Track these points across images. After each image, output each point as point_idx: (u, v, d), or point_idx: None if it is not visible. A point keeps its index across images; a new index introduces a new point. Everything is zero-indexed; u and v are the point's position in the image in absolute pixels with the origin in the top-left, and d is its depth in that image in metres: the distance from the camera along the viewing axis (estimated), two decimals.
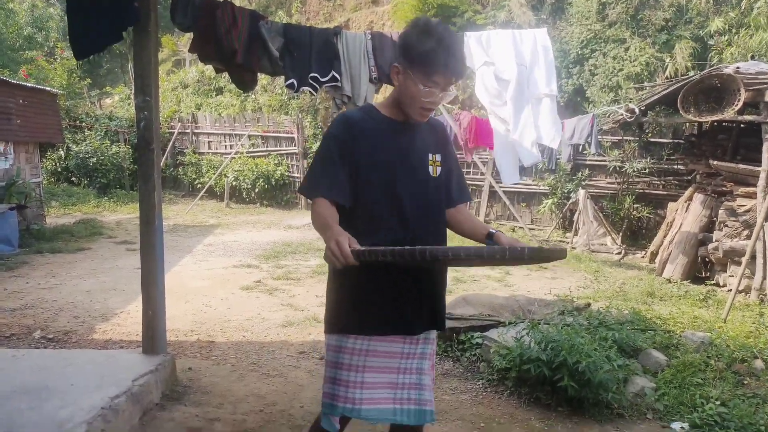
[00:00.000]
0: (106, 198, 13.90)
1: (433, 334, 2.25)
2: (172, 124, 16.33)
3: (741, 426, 3.49)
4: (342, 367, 2.07)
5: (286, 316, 5.57)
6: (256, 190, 14.43)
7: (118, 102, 21.29)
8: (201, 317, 5.48)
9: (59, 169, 14.71)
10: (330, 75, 4.41)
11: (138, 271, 3.72)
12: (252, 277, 7.17)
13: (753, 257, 6.65)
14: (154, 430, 3.16)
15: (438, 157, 2.21)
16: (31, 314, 5.32)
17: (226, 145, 15.70)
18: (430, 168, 2.18)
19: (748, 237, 6.91)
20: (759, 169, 7.09)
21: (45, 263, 7.46)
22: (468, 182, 11.18)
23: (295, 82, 4.28)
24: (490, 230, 2.19)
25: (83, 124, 15.69)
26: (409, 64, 1.99)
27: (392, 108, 2.14)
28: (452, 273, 7.84)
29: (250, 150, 15.16)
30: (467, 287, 7.02)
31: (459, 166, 2.37)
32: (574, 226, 10.87)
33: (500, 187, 11.60)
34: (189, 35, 4.81)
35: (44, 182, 11.62)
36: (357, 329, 2.07)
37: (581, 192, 10.59)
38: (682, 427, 3.51)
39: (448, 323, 4.81)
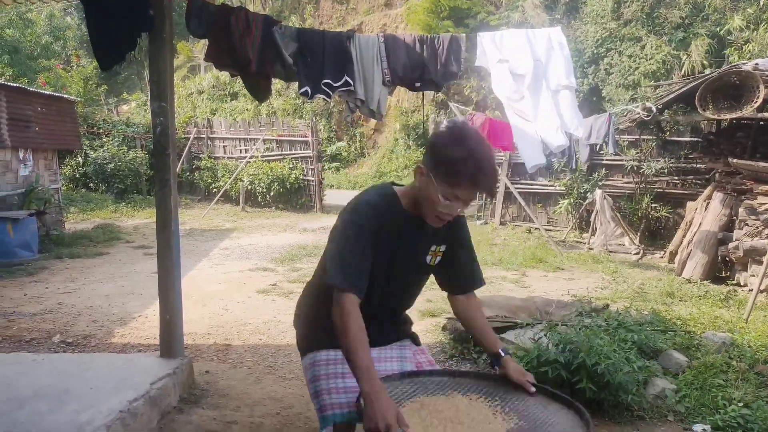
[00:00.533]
0: (123, 203, 14.06)
1: (408, 341, 2.28)
2: (187, 129, 16.48)
3: (765, 428, 3.43)
4: (320, 379, 2.07)
5: None
6: (271, 193, 14.50)
7: (135, 108, 21.58)
8: (218, 321, 5.51)
9: (77, 175, 14.91)
10: (343, 80, 4.41)
11: (155, 276, 3.75)
12: (268, 280, 7.20)
13: None
14: None
15: (443, 248, 2.15)
16: (51, 319, 5.38)
17: (241, 150, 15.80)
18: (429, 257, 2.13)
19: None
20: None
21: (64, 268, 7.55)
22: None
23: (309, 90, 4.28)
24: (501, 351, 2.12)
25: (100, 130, 15.90)
26: (434, 169, 1.87)
27: (412, 201, 2.02)
28: None
29: (264, 154, 15.24)
30: (483, 288, 6.96)
31: (473, 250, 2.28)
32: (591, 227, 10.78)
33: (516, 187, 11.53)
34: (204, 42, 4.85)
35: (63, 188, 11.78)
36: (328, 344, 2.07)
37: (598, 192, 10.50)
38: (704, 429, 3.46)
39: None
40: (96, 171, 14.68)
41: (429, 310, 5.79)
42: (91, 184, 14.94)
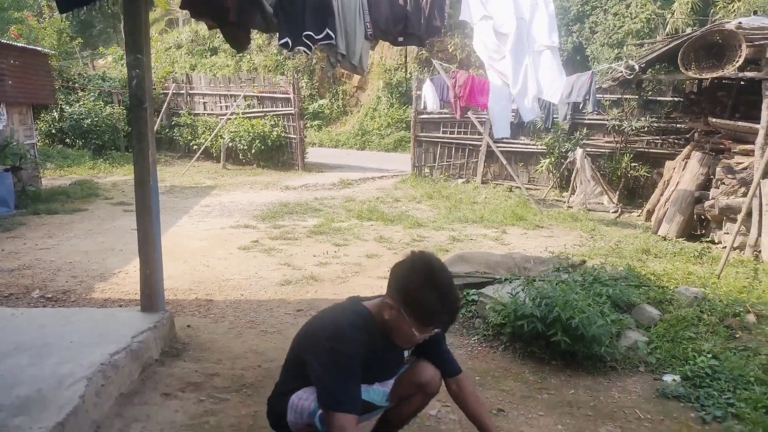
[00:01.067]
0: (101, 159, 13.83)
1: None
2: (166, 84, 16.13)
3: (732, 378, 3.56)
4: (294, 407, 2.16)
5: (283, 275, 5.61)
6: (253, 151, 14.34)
7: (111, 63, 21.03)
8: (199, 277, 5.51)
9: (53, 131, 14.59)
10: (324, 33, 4.31)
11: (135, 232, 3.72)
12: (249, 237, 7.19)
13: (749, 214, 6.67)
14: (154, 385, 3.21)
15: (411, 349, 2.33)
16: (29, 274, 5.35)
17: (221, 106, 15.53)
18: (405, 353, 2.32)
19: (745, 194, 6.91)
20: (758, 126, 7.05)
21: (42, 224, 7.46)
22: (465, 142, 11.17)
23: (290, 41, 4.19)
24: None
25: (76, 85, 15.49)
26: (408, 310, 2.02)
27: (382, 323, 2.14)
28: (447, 232, 7.87)
29: (245, 111, 15.01)
30: (464, 245, 7.06)
31: (442, 341, 2.39)
32: (571, 185, 10.87)
33: (497, 146, 11.53)
34: None
35: (39, 144, 11.54)
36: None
37: (579, 151, 10.55)
38: (673, 379, 3.58)
39: None
40: (72, 127, 14.36)
41: None
42: (68, 140, 14.63)
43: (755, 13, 10.43)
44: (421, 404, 2.43)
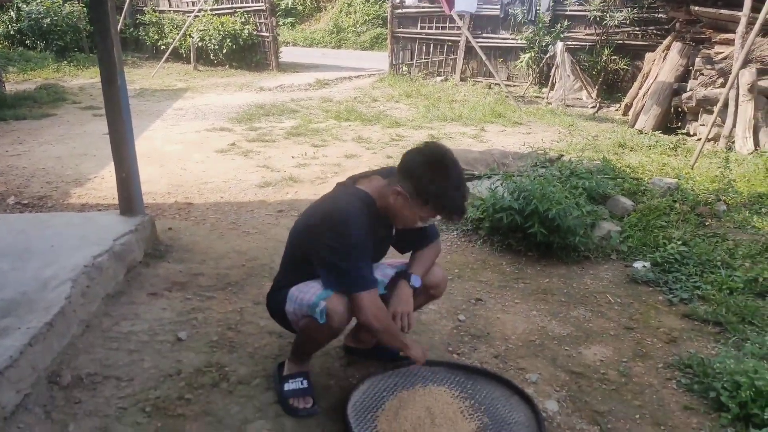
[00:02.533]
0: (65, 62, 13.22)
1: None
2: None
3: (699, 262, 3.72)
4: (292, 298, 2.20)
5: (262, 177, 5.58)
6: (224, 51, 13.80)
7: None
8: (177, 180, 5.46)
9: (12, 33, 13.83)
10: None
11: (107, 137, 3.62)
12: (226, 140, 7.07)
13: (725, 105, 6.70)
14: (140, 285, 3.26)
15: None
16: (2, 181, 5.25)
17: (187, 2, 14.75)
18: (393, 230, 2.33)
19: (723, 85, 6.91)
20: (740, 14, 6.91)
21: (10, 130, 7.24)
22: (443, 38, 10.87)
23: None
24: (409, 274, 2.32)
25: None
26: (418, 199, 2.05)
27: (383, 207, 2.16)
28: (426, 131, 7.83)
29: (213, 7, 14.30)
30: (443, 143, 7.02)
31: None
32: (550, 81, 10.73)
33: (477, 42, 11.23)
34: None
35: None
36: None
37: (559, 45, 10.32)
38: (643, 266, 3.72)
39: None
40: (31, 27, 13.59)
41: (390, 165, 5.85)
42: (28, 42, 13.90)
43: None
44: (421, 304, 2.52)
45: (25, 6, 13.59)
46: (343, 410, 2.16)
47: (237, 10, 14.13)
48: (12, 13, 13.54)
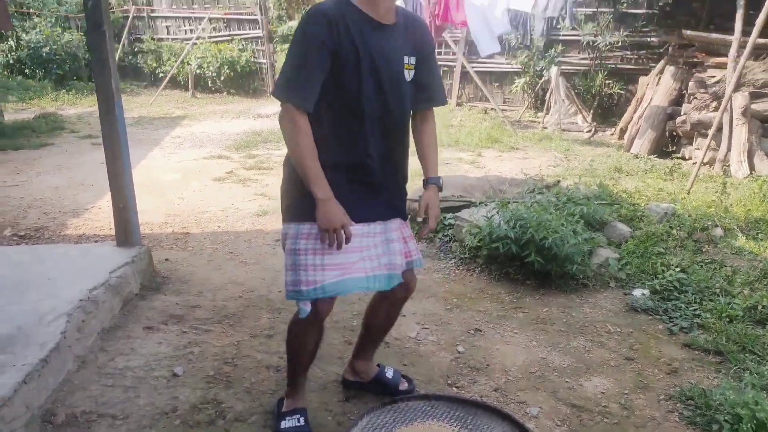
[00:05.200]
0: (64, 90, 13.29)
1: (395, 223, 2.25)
2: (125, 7, 15.32)
3: (698, 290, 3.72)
4: (300, 253, 2.05)
5: (260, 206, 5.58)
6: (222, 78, 13.91)
7: None
8: (174, 209, 5.46)
9: (11, 62, 13.92)
10: None
11: (105, 166, 3.63)
12: (223, 168, 7.09)
13: (719, 129, 6.74)
14: (136, 319, 3.24)
15: (413, 60, 2.13)
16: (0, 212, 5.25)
17: (185, 30, 14.90)
18: (406, 72, 2.12)
19: (717, 109, 6.95)
20: (731, 38, 7.00)
21: (8, 160, 7.25)
22: (439, 63, 10.86)
23: None
24: (430, 179, 2.27)
25: (30, 10, 14.67)
26: None
27: (368, 3, 2.00)
28: None
29: (212, 35, 14.43)
30: (440, 169, 7.02)
31: (437, 66, 2.29)
32: (545, 105, 10.81)
33: (472, 67, 11.33)
34: None
35: None
36: (312, 217, 2.02)
37: (554, 69, 10.41)
38: (642, 294, 3.71)
39: None
40: (31, 56, 13.68)
41: None
42: (27, 71, 13.99)
43: None
44: (397, 310, 2.48)
45: (24, 35, 13.72)
46: None
47: (235, 37, 14.26)
48: (11, 42, 13.65)
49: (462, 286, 3.95)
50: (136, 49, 15.28)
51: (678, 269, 3.92)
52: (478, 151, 8.29)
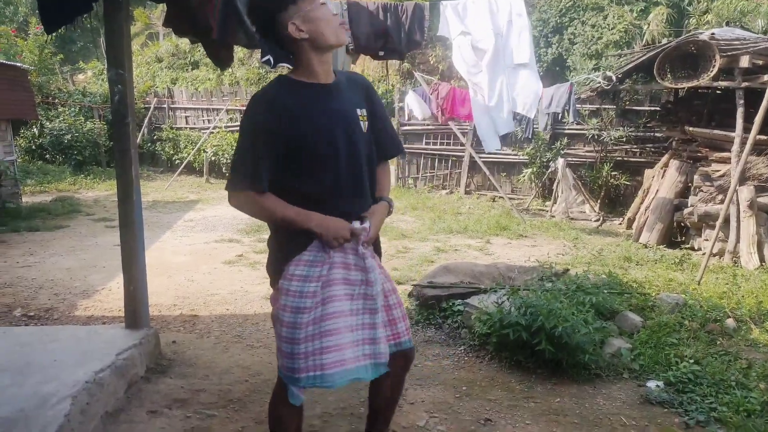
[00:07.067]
0: (82, 175, 13.70)
1: (373, 274, 2.17)
2: (147, 99, 16.05)
3: (713, 382, 3.62)
4: (299, 342, 2.07)
5: (268, 290, 5.54)
6: None
7: (92, 77, 20.84)
8: (184, 292, 5.48)
9: (33, 147, 14.44)
10: None
11: (118, 248, 3.70)
12: (234, 251, 7.16)
13: (727, 221, 6.80)
14: (140, 403, 3.19)
15: (365, 112, 2.18)
16: (11, 292, 5.28)
17: (203, 120, 15.51)
18: (362, 124, 2.15)
19: (722, 201, 7.03)
20: (733, 134, 7.20)
21: (22, 242, 7.37)
22: (448, 153, 11.27)
23: (272, 59, 4.21)
24: (382, 197, 2.26)
25: (56, 100, 15.37)
26: (295, 6, 1.98)
27: (306, 72, 2.06)
28: (433, 243, 7.91)
29: (228, 124, 14.98)
30: (448, 256, 7.09)
31: (388, 117, 2.34)
32: (553, 195, 10.97)
33: (480, 157, 11.63)
34: (162, 7, 4.71)
35: (18, 160, 11.41)
36: (300, 247, 2.09)
37: (560, 161, 10.66)
38: (657, 385, 3.62)
39: (430, 292, 4.88)
40: (53, 142, 14.23)
41: (395, 278, 5.86)
42: (48, 156, 14.48)
43: (727, 24, 10.69)
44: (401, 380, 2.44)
45: (48, 123, 14.30)
46: None
47: None
48: (35, 129, 14.22)
49: (471, 373, 3.88)
50: (155, 137, 15.85)
51: (692, 361, 3.84)
52: (487, 239, 8.35)
